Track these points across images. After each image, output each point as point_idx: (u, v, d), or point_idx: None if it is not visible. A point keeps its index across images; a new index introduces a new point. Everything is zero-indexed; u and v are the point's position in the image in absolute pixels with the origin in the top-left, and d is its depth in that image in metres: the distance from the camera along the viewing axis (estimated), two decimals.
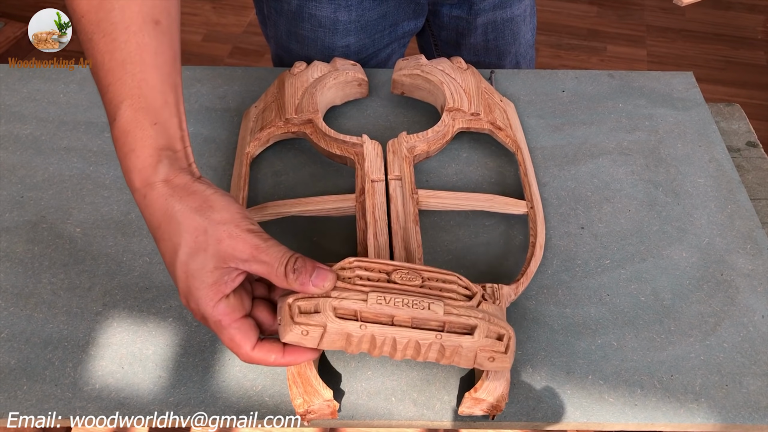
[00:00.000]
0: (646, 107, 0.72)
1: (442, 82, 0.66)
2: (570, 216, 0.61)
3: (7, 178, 0.63)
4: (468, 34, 0.84)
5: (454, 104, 0.65)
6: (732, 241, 0.59)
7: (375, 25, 0.79)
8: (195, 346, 0.52)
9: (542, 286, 0.56)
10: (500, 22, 0.83)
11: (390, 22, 0.80)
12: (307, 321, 0.43)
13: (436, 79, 0.67)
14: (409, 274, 0.47)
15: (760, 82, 1.90)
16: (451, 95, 0.65)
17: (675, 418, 0.48)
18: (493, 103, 0.67)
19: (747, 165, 0.69)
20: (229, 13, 2.06)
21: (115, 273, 0.56)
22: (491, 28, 0.83)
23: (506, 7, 0.82)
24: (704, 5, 2.15)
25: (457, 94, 0.66)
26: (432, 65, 0.69)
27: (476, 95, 0.66)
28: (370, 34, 0.80)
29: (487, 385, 0.46)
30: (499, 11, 0.82)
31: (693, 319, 0.54)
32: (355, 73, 0.69)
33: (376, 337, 0.44)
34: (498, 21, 0.82)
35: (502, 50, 0.86)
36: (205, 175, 0.63)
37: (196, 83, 0.73)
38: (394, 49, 0.85)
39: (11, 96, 0.72)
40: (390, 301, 0.44)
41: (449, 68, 0.69)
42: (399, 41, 0.84)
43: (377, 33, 0.80)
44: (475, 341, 0.44)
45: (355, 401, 0.49)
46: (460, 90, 0.66)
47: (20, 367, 0.50)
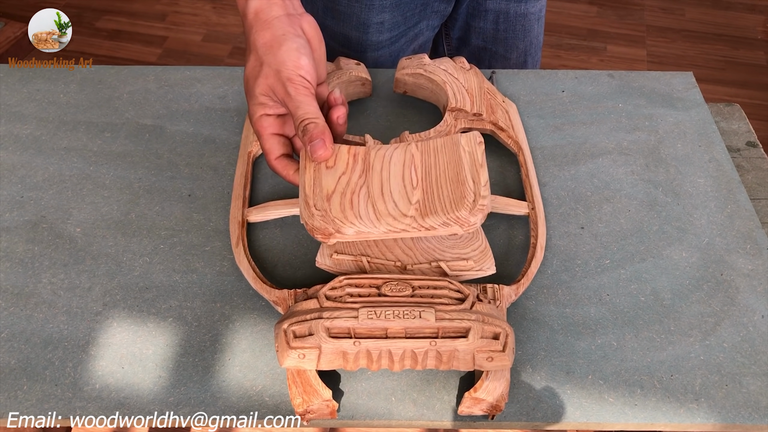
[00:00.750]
0: (646, 107, 0.72)
1: (444, 81, 0.67)
2: (570, 216, 0.61)
3: (7, 178, 0.63)
4: (478, 17, 0.85)
5: (457, 104, 0.65)
6: (732, 241, 0.59)
7: (409, 2, 0.80)
8: (195, 346, 0.52)
9: (542, 286, 0.56)
10: (513, 15, 0.85)
11: (422, 1, 0.82)
12: (302, 345, 0.44)
13: (438, 78, 0.67)
14: (399, 285, 0.47)
15: (760, 82, 1.90)
16: (453, 95, 0.65)
17: (675, 418, 0.48)
18: (495, 103, 0.67)
19: (747, 165, 0.69)
20: (229, 13, 2.06)
21: (115, 273, 0.56)
22: (503, 18, 0.85)
23: (521, 1, 0.84)
24: (704, 5, 2.15)
25: (460, 94, 0.66)
26: (435, 65, 0.69)
27: (479, 95, 0.66)
28: (404, 11, 0.81)
29: (487, 385, 0.46)
30: (513, 3, 0.84)
31: (693, 319, 0.54)
32: (359, 73, 0.69)
33: (372, 351, 0.45)
34: (511, 13, 0.84)
35: (511, 43, 0.87)
36: (205, 175, 0.64)
37: (196, 83, 0.73)
38: (422, 29, 0.86)
39: (11, 96, 0.72)
40: (381, 315, 0.45)
41: (452, 68, 0.69)
42: (428, 20, 0.85)
43: (410, 11, 0.82)
44: (471, 343, 0.44)
45: (354, 401, 0.49)
46: (463, 90, 0.66)
47: (20, 367, 0.50)
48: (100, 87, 0.73)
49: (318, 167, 0.52)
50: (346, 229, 0.48)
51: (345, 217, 0.49)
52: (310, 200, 0.50)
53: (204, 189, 0.63)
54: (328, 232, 0.49)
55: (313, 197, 0.50)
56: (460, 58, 0.70)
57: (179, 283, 0.55)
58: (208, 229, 0.59)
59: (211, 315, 0.53)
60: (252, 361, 0.51)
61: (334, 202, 0.50)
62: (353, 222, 0.48)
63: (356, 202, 0.50)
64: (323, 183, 0.51)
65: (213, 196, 0.62)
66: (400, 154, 0.53)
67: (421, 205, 0.50)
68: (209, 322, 0.53)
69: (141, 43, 1.94)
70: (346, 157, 0.53)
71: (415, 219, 0.49)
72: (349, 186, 0.51)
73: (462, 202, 0.49)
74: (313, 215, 0.49)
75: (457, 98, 0.65)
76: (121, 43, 1.94)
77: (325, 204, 0.49)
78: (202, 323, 0.53)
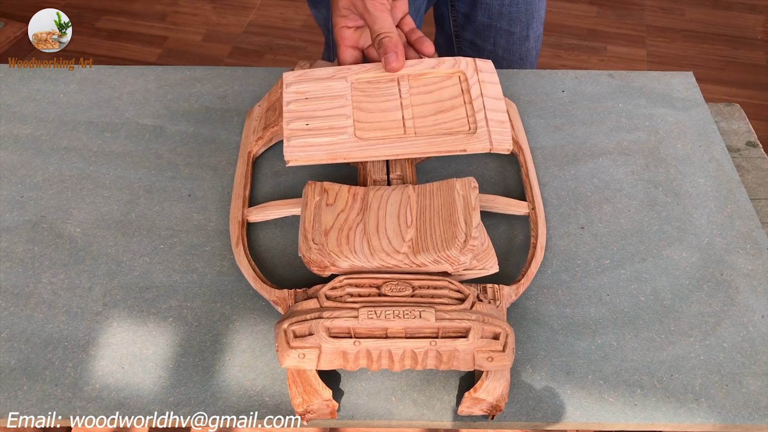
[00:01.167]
0: (646, 107, 0.72)
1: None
2: (570, 216, 0.61)
3: (7, 178, 0.63)
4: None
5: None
6: (732, 241, 0.59)
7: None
8: (195, 346, 0.52)
9: (542, 286, 0.56)
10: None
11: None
12: (302, 344, 0.44)
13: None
14: (399, 285, 0.48)
15: (760, 82, 1.90)
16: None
17: (675, 418, 0.48)
18: None
19: (747, 165, 0.69)
20: (229, 13, 2.06)
21: (115, 273, 0.56)
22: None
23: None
24: (704, 5, 2.15)
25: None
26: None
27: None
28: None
29: (487, 384, 0.46)
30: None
31: (693, 319, 0.54)
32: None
33: (371, 351, 0.45)
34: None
35: (515, 17, 0.89)
36: (205, 175, 0.64)
37: (196, 83, 0.73)
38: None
39: (11, 96, 0.72)
40: (381, 315, 0.45)
41: None
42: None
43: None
44: (470, 343, 0.44)
45: (354, 401, 0.49)
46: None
47: (20, 367, 0.50)
48: (100, 87, 0.73)
49: (319, 204, 0.54)
50: (341, 263, 0.50)
51: (341, 251, 0.50)
52: (309, 234, 0.51)
53: (204, 189, 0.63)
54: (323, 264, 0.50)
55: (312, 232, 0.52)
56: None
57: (179, 283, 0.55)
58: (208, 229, 0.59)
59: (211, 315, 0.53)
60: (252, 361, 0.51)
61: (332, 237, 0.51)
62: (348, 256, 0.50)
63: (352, 237, 0.51)
64: (322, 219, 0.52)
65: (213, 196, 0.62)
66: (398, 195, 0.55)
67: (413, 243, 0.51)
68: (209, 322, 0.53)
69: (141, 43, 1.94)
70: (346, 196, 0.55)
71: (408, 256, 0.50)
72: (347, 223, 0.52)
73: (453, 241, 0.50)
74: (311, 248, 0.50)
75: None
76: (121, 43, 1.94)
77: (323, 238, 0.51)
78: (202, 323, 0.53)
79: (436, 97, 0.60)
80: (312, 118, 0.58)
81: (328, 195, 0.54)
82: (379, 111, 0.59)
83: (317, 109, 0.59)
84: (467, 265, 0.50)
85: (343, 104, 0.59)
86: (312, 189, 0.55)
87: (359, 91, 0.60)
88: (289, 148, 0.57)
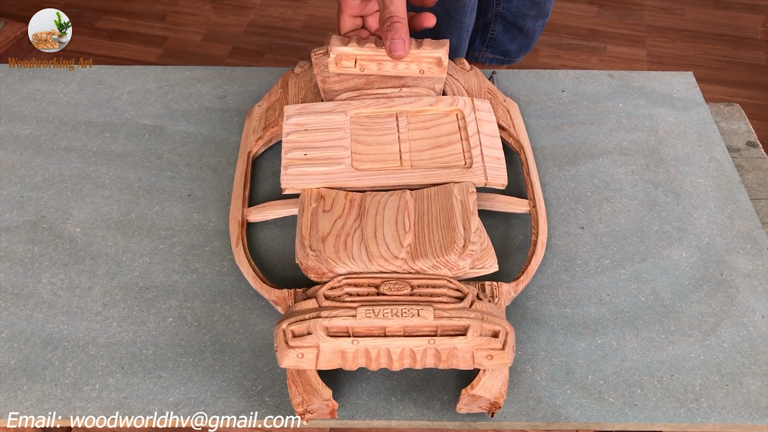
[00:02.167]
0: (646, 107, 0.72)
1: (444, 82, 0.66)
2: (570, 216, 0.61)
3: (7, 178, 0.63)
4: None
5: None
6: (732, 241, 0.59)
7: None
8: (195, 346, 0.52)
9: (542, 286, 0.56)
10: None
11: None
12: (301, 344, 0.44)
13: None
14: (398, 284, 0.48)
15: (760, 82, 1.90)
16: (453, 96, 0.65)
17: (675, 418, 0.48)
18: (496, 103, 0.67)
19: (747, 165, 0.69)
20: (229, 13, 2.06)
21: (115, 273, 0.56)
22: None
23: None
24: (704, 5, 2.15)
25: (459, 95, 0.66)
26: None
27: (479, 96, 0.66)
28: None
29: (484, 381, 0.46)
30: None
31: (693, 319, 0.54)
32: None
33: (370, 350, 0.45)
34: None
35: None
36: (205, 175, 0.64)
37: (196, 83, 0.73)
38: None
39: (11, 96, 0.72)
40: (379, 313, 0.45)
41: (452, 69, 0.69)
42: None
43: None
44: (469, 341, 0.44)
45: (354, 401, 0.49)
46: (463, 91, 0.66)
47: (20, 367, 0.50)
48: (99, 87, 0.73)
49: (315, 211, 0.54)
50: (339, 269, 0.50)
51: (338, 257, 0.50)
52: (306, 241, 0.51)
53: (204, 189, 0.63)
54: (321, 271, 0.50)
55: (309, 239, 0.52)
56: (461, 60, 0.70)
57: (179, 283, 0.55)
58: (208, 229, 0.59)
59: (211, 315, 0.53)
60: (252, 361, 0.51)
61: (329, 243, 0.51)
62: (345, 262, 0.50)
63: (350, 243, 0.51)
64: (319, 225, 0.52)
65: (213, 196, 0.62)
66: (395, 200, 0.55)
67: (412, 249, 0.51)
68: (209, 322, 0.53)
69: (141, 43, 1.93)
70: (343, 202, 0.55)
71: (406, 261, 0.50)
72: (344, 229, 0.52)
73: (452, 246, 0.50)
74: (308, 255, 0.50)
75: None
76: (121, 43, 1.94)
77: (320, 245, 0.51)
78: (202, 323, 0.53)
79: (434, 132, 0.60)
80: (310, 149, 0.59)
81: (324, 201, 0.55)
82: (376, 144, 0.59)
83: (316, 140, 0.59)
84: (467, 269, 0.50)
85: (342, 136, 0.59)
86: (308, 195, 0.55)
87: (358, 124, 0.61)
88: (286, 176, 0.57)
